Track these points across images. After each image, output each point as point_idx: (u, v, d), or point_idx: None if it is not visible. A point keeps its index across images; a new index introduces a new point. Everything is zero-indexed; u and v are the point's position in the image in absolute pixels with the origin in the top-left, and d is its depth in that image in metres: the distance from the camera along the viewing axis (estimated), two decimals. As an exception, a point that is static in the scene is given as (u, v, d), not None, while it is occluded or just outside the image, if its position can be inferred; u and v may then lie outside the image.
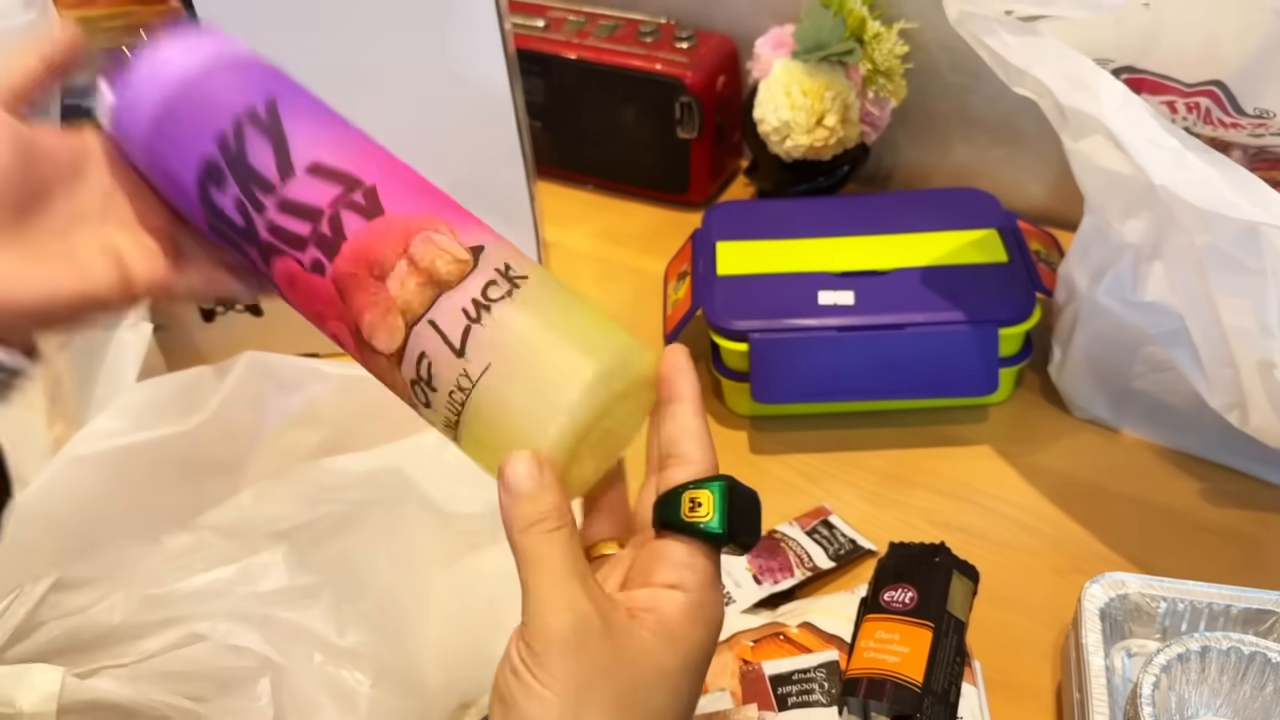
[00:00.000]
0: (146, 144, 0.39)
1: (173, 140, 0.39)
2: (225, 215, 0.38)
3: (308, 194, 0.37)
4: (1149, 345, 0.64)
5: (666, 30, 0.88)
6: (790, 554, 0.61)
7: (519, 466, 0.33)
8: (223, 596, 0.49)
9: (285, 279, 0.38)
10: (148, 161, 0.40)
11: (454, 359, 0.35)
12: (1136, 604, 0.54)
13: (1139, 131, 0.51)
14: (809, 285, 0.71)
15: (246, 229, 0.38)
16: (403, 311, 0.35)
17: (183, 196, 0.39)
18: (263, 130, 0.38)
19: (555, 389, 0.34)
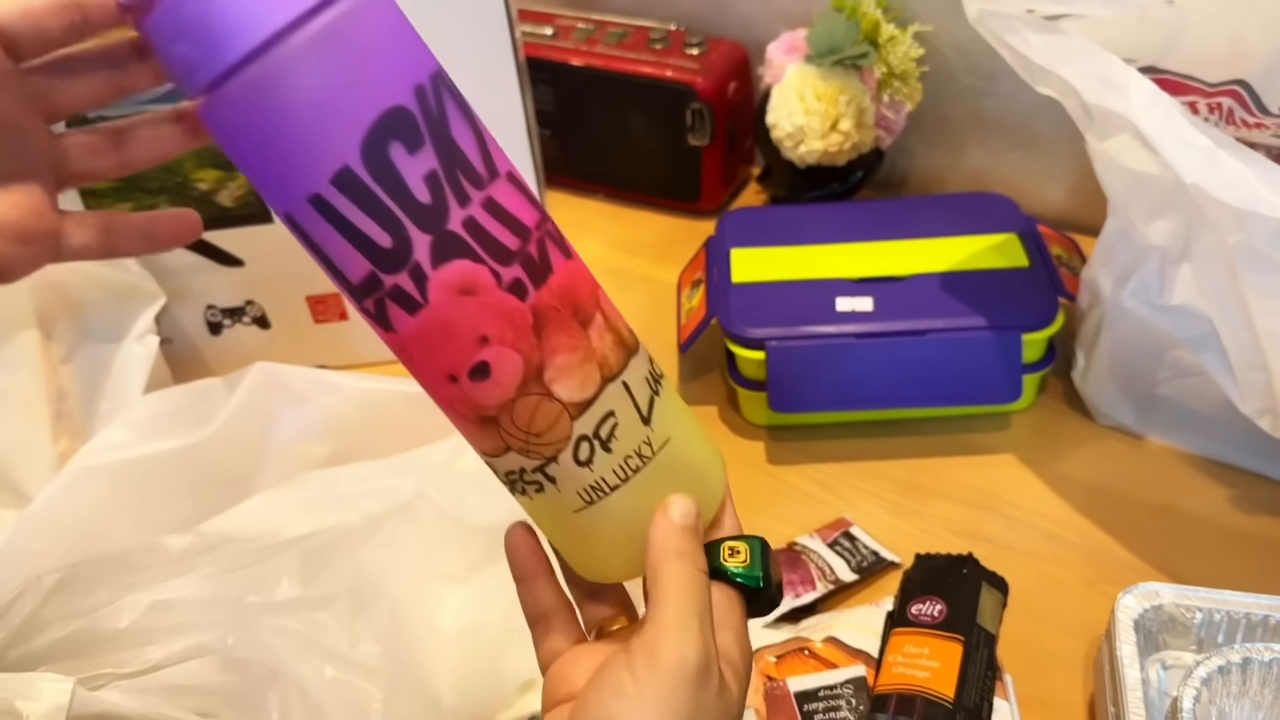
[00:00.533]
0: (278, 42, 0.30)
1: (341, 56, 0.30)
2: (402, 183, 0.31)
3: (513, 205, 0.33)
4: (1176, 350, 0.63)
5: (676, 37, 0.87)
6: (812, 566, 0.60)
7: (689, 504, 0.35)
8: (231, 604, 0.48)
9: (458, 285, 0.32)
10: (261, 66, 0.30)
11: (641, 425, 0.35)
12: (1171, 615, 0.53)
13: (1169, 129, 0.50)
14: (826, 292, 0.69)
15: (428, 210, 0.31)
16: (600, 365, 0.34)
17: (301, 141, 0.31)
18: (460, 106, 0.32)
19: (711, 472, 0.38)
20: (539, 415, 0.34)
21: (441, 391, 0.34)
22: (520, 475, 0.35)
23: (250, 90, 0.30)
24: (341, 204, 0.31)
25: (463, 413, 0.34)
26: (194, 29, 0.30)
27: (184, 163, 0.70)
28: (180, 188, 0.71)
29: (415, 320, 0.32)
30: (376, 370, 0.74)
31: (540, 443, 0.34)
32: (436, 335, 0.33)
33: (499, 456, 0.35)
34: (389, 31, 0.32)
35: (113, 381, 0.64)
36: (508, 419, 0.34)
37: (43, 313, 0.63)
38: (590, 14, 0.91)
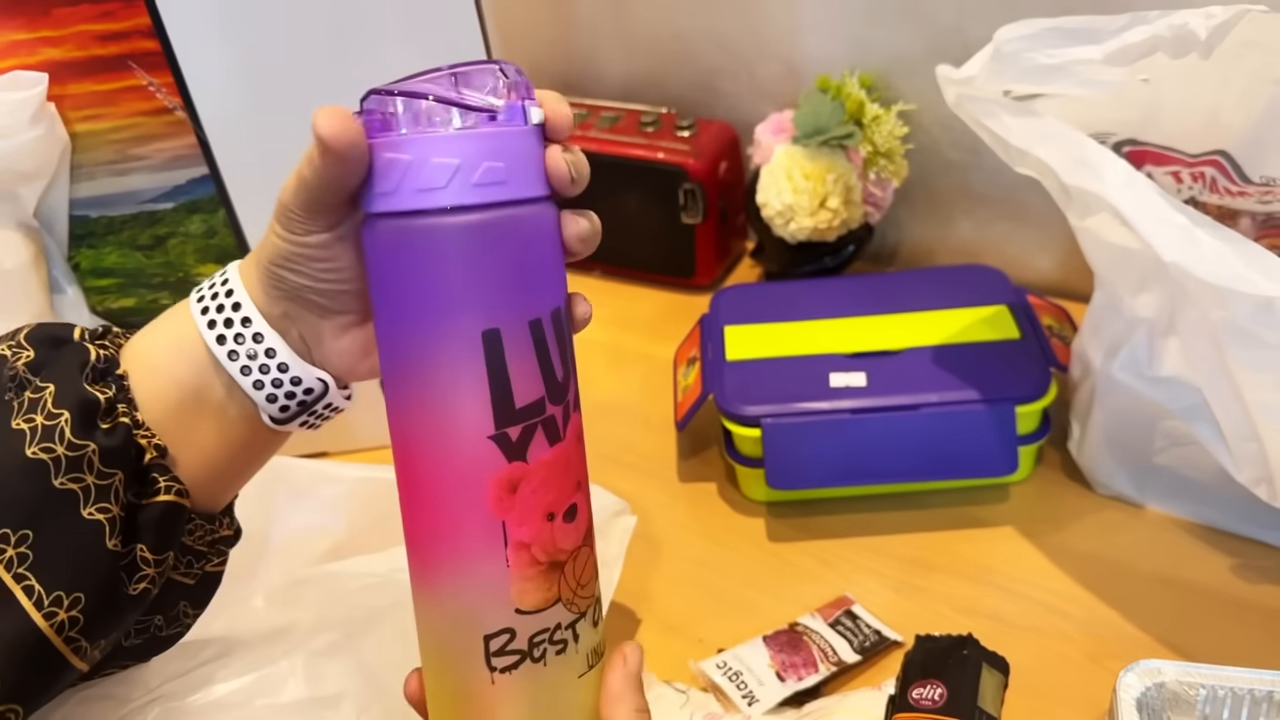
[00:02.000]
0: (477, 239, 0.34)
1: (555, 242, 0.36)
2: (552, 357, 0.35)
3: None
4: (1169, 420, 0.63)
5: (667, 120, 0.89)
6: (814, 648, 0.60)
7: (638, 654, 0.37)
8: (242, 707, 0.48)
9: (578, 432, 0.37)
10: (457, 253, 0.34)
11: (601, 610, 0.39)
12: (1175, 692, 0.52)
13: (1146, 209, 0.51)
14: (820, 367, 0.70)
15: (574, 364, 0.37)
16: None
17: (541, 275, 0.35)
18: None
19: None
20: (588, 568, 0.37)
21: (533, 529, 0.35)
22: (553, 633, 0.36)
23: (514, 220, 0.35)
24: (549, 333, 0.35)
25: (539, 556, 0.35)
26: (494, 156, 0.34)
27: (185, 257, 0.71)
28: (181, 283, 0.72)
29: (551, 452, 0.35)
30: (376, 455, 0.75)
31: (582, 595, 0.36)
32: (559, 470, 0.35)
33: (541, 611, 0.36)
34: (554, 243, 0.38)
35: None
36: (571, 566, 0.36)
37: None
38: (583, 99, 0.93)
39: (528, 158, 0.35)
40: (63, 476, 0.37)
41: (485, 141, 0.34)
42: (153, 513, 0.39)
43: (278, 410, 0.41)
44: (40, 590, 0.36)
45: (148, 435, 0.39)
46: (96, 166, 0.68)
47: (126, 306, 0.73)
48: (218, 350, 0.40)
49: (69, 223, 0.70)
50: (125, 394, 0.39)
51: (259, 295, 0.40)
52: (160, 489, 0.39)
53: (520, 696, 0.36)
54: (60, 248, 0.70)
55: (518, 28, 0.97)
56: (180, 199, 0.69)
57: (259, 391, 0.40)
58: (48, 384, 0.38)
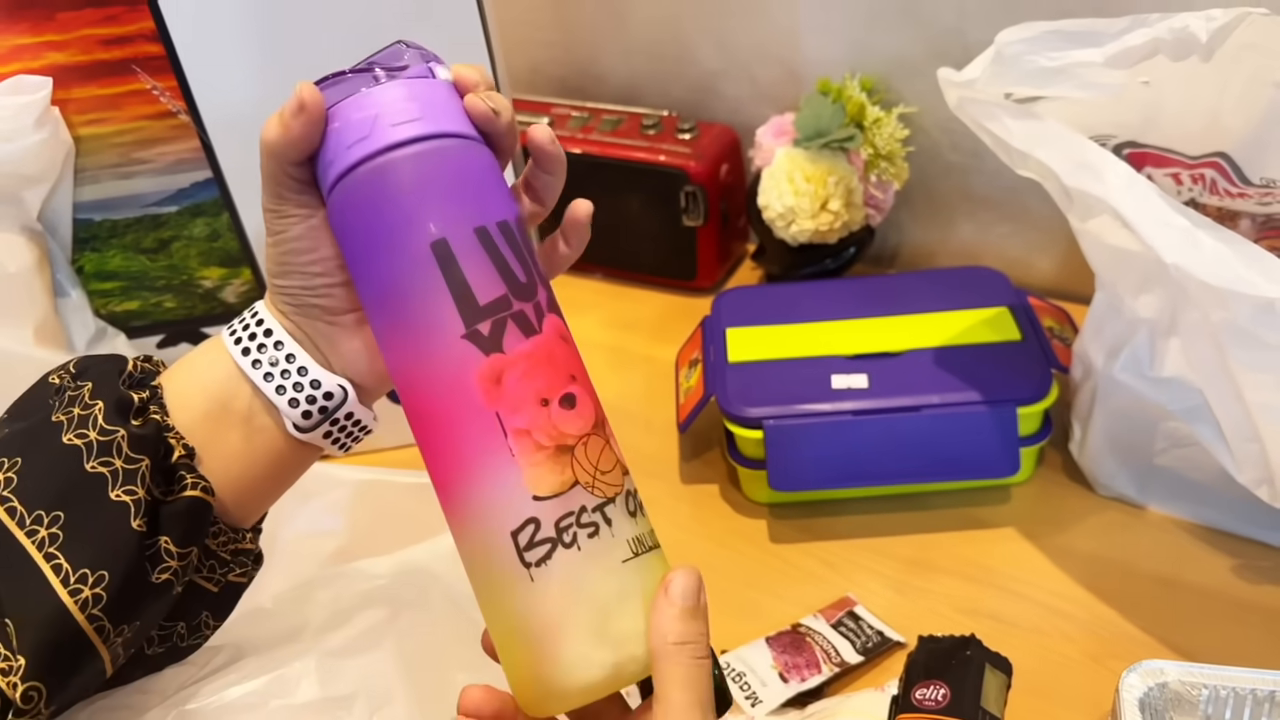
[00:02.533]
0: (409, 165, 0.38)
1: (493, 169, 0.40)
2: (533, 251, 0.39)
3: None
4: (1170, 421, 0.63)
5: (669, 123, 0.89)
6: (816, 649, 0.60)
7: (691, 580, 0.36)
8: (256, 709, 0.48)
9: (559, 331, 0.39)
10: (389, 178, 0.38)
11: (646, 519, 0.39)
12: (1177, 692, 0.52)
13: (1147, 211, 0.51)
14: (821, 369, 0.70)
15: (543, 276, 0.40)
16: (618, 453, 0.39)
17: (466, 185, 0.39)
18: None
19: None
20: (605, 455, 0.37)
21: (527, 416, 0.36)
22: (579, 516, 0.36)
23: (457, 149, 0.40)
24: (500, 240, 0.38)
25: (542, 440, 0.36)
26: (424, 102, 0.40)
27: (189, 261, 0.72)
28: (185, 286, 0.72)
29: (529, 343, 0.37)
30: (380, 457, 0.75)
31: (605, 481, 0.37)
32: (542, 360, 0.37)
33: (559, 496, 0.36)
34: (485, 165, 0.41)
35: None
36: (582, 450, 0.37)
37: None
38: (585, 103, 0.93)
39: (440, 102, 0.40)
40: (94, 460, 0.39)
41: (393, 90, 0.39)
42: (178, 507, 0.41)
43: (300, 416, 0.42)
44: (68, 568, 0.38)
45: (177, 436, 0.41)
46: (100, 170, 0.68)
47: (130, 310, 0.73)
48: (242, 361, 0.42)
49: (73, 226, 0.70)
50: (158, 399, 0.42)
51: (276, 313, 0.43)
52: (187, 485, 0.41)
53: (563, 586, 0.36)
54: (64, 251, 0.70)
55: (520, 31, 0.98)
56: (184, 202, 0.69)
57: (281, 396, 0.42)
58: (86, 382, 0.41)
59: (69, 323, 0.70)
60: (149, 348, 0.74)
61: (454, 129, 0.39)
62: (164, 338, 0.74)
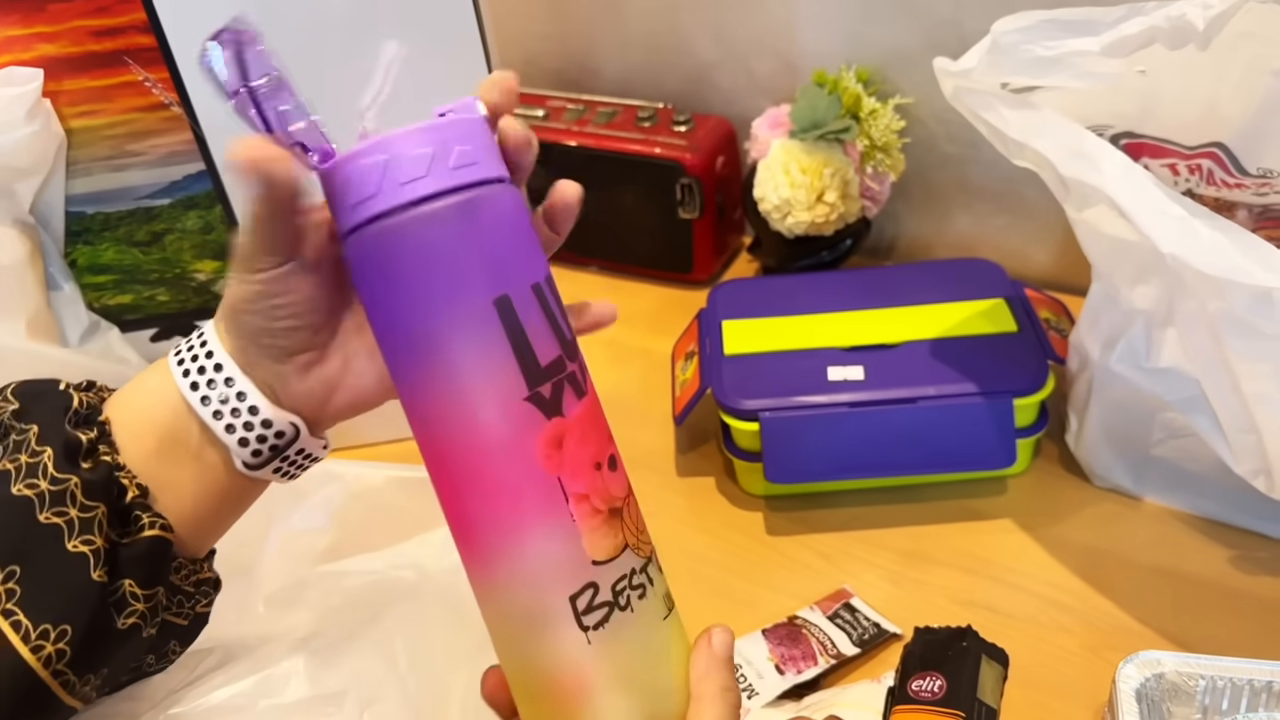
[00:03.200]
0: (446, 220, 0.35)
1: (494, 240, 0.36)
2: (557, 317, 0.37)
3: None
4: (1167, 412, 0.63)
5: (664, 115, 0.89)
6: (813, 641, 0.60)
7: (729, 635, 0.38)
8: (246, 710, 0.48)
9: (593, 385, 0.38)
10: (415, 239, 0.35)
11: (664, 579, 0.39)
12: (1174, 683, 0.52)
13: (1144, 201, 0.51)
14: (817, 361, 0.70)
15: (571, 341, 0.37)
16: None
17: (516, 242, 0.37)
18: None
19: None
20: (638, 513, 0.38)
21: (585, 482, 0.36)
22: (630, 578, 0.36)
23: (508, 202, 0.37)
24: (550, 297, 0.37)
25: (597, 506, 0.36)
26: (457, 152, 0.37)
27: (183, 254, 0.71)
28: (179, 279, 0.72)
29: (581, 405, 0.36)
30: (373, 451, 0.75)
31: (643, 540, 0.38)
32: (591, 422, 0.37)
33: (612, 560, 0.36)
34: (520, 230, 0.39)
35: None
36: (628, 512, 0.37)
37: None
38: (580, 95, 0.93)
39: (487, 141, 0.37)
40: (47, 511, 0.37)
41: (451, 129, 0.36)
42: (138, 549, 0.39)
43: (250, 455, 0.41)
44: (27, 624, 0.37)
45: (129, 476, 0.40)
46: (93, 162, 0.68)
47: (124, 303, 0.73)
48: (191, 396, 0.40)
49: (65, 219, 0.70)
50: (106, 437, 0.40)
51: (228, 343, 0.41)
52: (144, 525, 0.40)
53: (619, 649, 0.36)
54: (57, 244, 0.70)
55: (515, 23, 0.97)
56: (177, 195, 0.69)
57: (231, 435, 0.41)
58: (31, 425, 0.39)
59: (62, 316, 0.70)
60: (142, 341, 0.74)
61: (499, 173, 0.37)
62: (157, 331, 0.74)
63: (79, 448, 0.39)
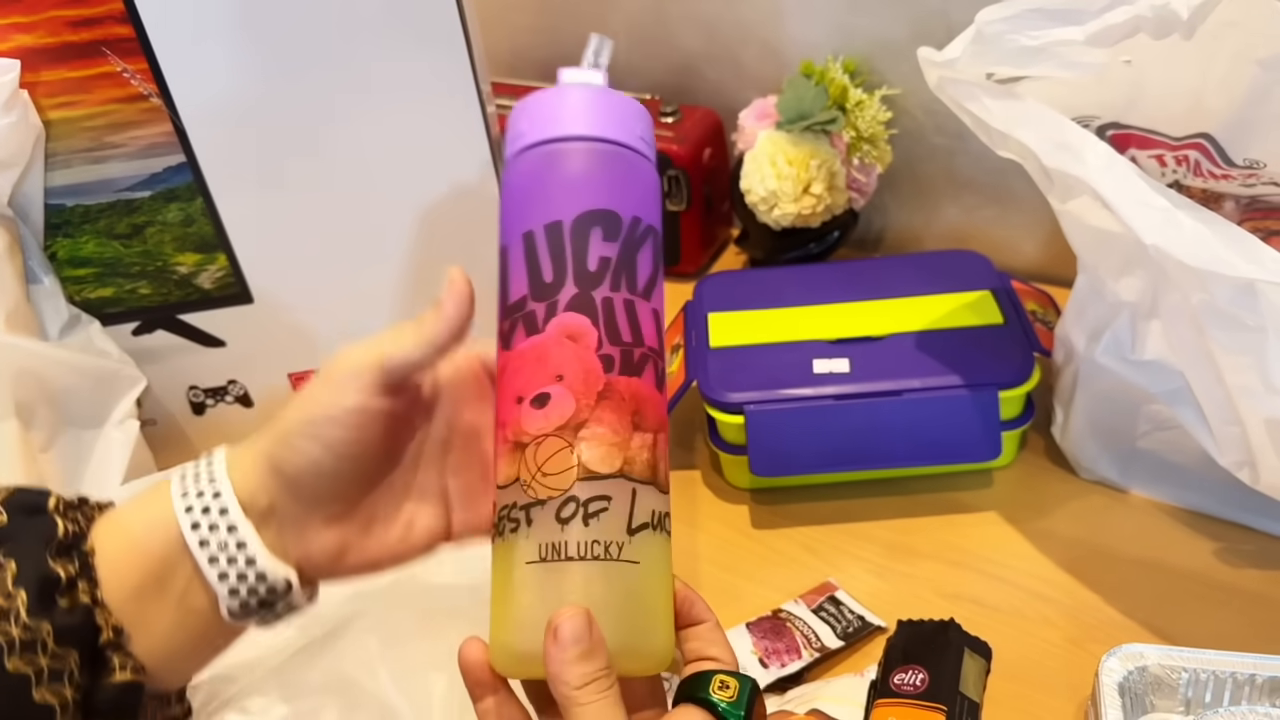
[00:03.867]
0: (578, 141, 0.41)
1: (605, 168, 0.41)
2: (585, 249, 0.40)
3: (645, 323, 0.40)
4: (1152, 404, 0.63)
5: (651, 105, 0.88)
6: (797, 634, 0.59)
7: (577, 622, 0.35)
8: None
9: (568, 329, 0.39)
10: (557, 146, 0.41)
11: (623, 530, 0.38)
12: (1157, 676, 0.52)
13: (1127, 192, 0.50)
14: (803, 354, 0.70)
15: (589, 275, 0.39)
16: (625, 461, 0.38)
17: (541, 189, 0.41)
18: (654, 251, 0.41)
19: (654, 636, 0.38)
20: (556, 458, 0.38)
21: (504, 411, 0.40)
22: (509, 510, 0.38)
23: (543, 156, 0.42)
24: (540, 243, 0.40)
25: (507, 435, 0.39)
26: (533, 114, 0.43)
27: (163, 246, 0.71)
28: (160, 272, 0.71)
29: (527, 342, 0.39)
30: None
31: (542, 483, 0.38)
32: (532, 359, 0.39)
33: (505, 488, 0.39)
34: (639, 185, 0.42)
35: (93, 468, 0.64)
36: (533, 450, 0.38)
37: (21, 402, 0.63)
38: (566, 85, 0.92)
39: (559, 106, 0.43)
40: (15, 658, 0.36)
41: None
42: (109, 693, 0.38)
43: (237, 605, 0.40)
44: None
45: (106, 615, 0.38)
46: (72, 154, 0.67)
47: (105, 296, 0.72)
48: (190, 535, 0.39)
49: (44, 211, 0.69)
50: (89, 571, 0.39)
51: (250, 482, 0.40)
52: (115, 667, 0.38)
53: (494, 567, 0.39)
54: (36, 237, 0.69)
55: (499, 14, 0.97)
56: (157, 187, 0.68)
57: (223, 583, 0.40)
58: (10, 559, 0.37)
59: (42, 310, 0.69)
60: (124, 335, 0.73)
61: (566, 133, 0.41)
62: (139, 325, 0.73)
63: (56, 584, 0.37)
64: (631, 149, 0.42)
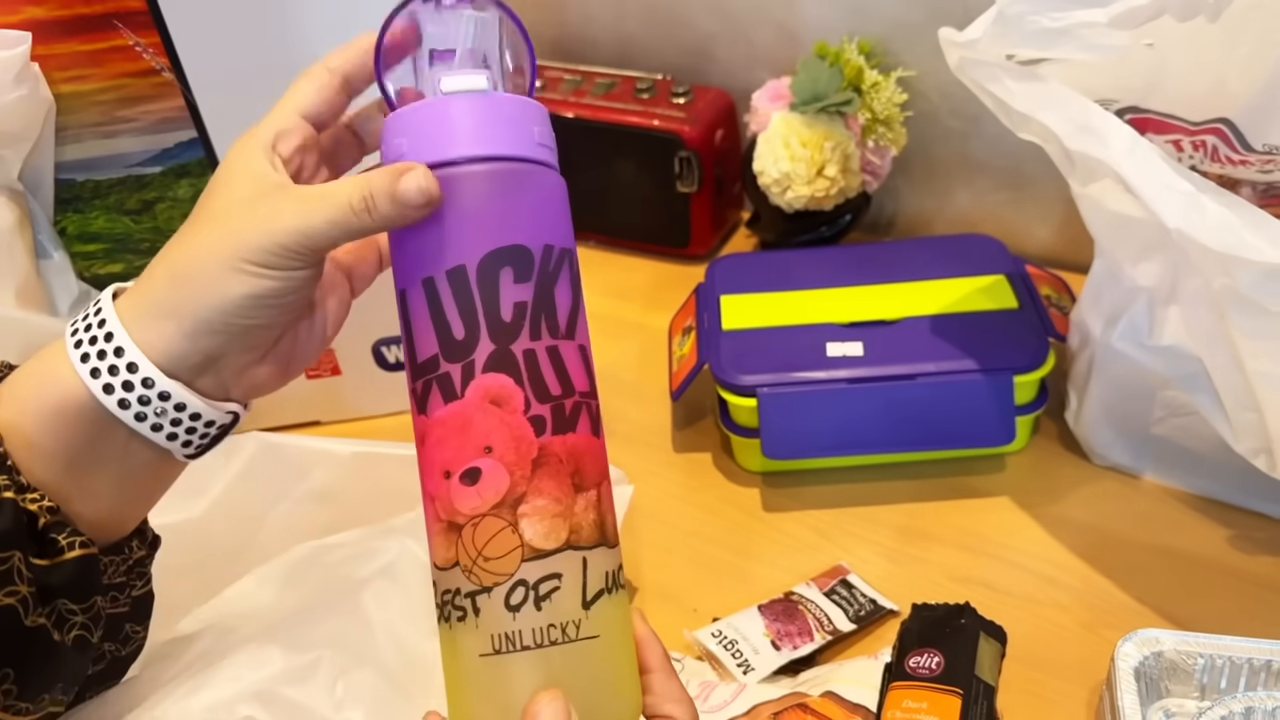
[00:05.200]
0: (469, 164, 0.37)
1: (504, 194, 0.37)
2: (496, 298, 0.36)
3: (572, 367, 0.37)
4: (1168, 390, 0.63)
5: (663, 86, 0.88)
6: (809, 617, 0.59)
7: (556, 708, 0.34)
8: (216, 676, 0.48)
9: (491, 393, 0.36)
10: (444, 172, 0.37)
11: (578, 606, 0.36)
12: (1173, 661, 0.52)
13: (1150, 175, 0.50)
14: (816, 337, 0.69)
15: (505, 327, 0.36)
16: (571, 530, 0.36)
17: (439, 237, 0.37)
18: (572, 278, 0.38)
19: (616, 706, 0.36)
20: (496, 540, 0.35)
21: (432, 485, 0.37)
22: (453, 596, 0.36)
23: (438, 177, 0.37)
24: (444, 292, 0.36)
25: (439, 513, 0.36)
26: (415, 131, 0.37)
27: (174, 223, 0.70)
28: (170, 248, 0.71)
29: (446, 409, 0.36)
30: (367, 424, 0.75)
31: (485, 568, 0.35)
32: (455, 429, 0.36)
33: (445, 570, 0.36)
34: (547, 204, 0.38)
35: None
36: (470, 532, 0.35)
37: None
38: (578, 66, 0.92)
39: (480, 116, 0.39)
40: None
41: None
42: (64, 571, 0.38)
43: (193, 450, 0.40)
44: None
45: (37, 499, 0.37)
46: (82, 129, 0.66)
47: (114, 272, 0.72)
48: (106, 400, 0.37)
49: (55, 186, 0.68)
50: (4, 465, 0.37)
51: (177, 344, 0.38)
52: (63, 547, 0.38)
53: (445, 653, 0.37)
54: (46, 212, 0.69)
55: (511, -8, 0.96)
56: (168, 162, 0.68)
57: (172, 441, 0.39)
58: None
59: (51, 285, 0.69)
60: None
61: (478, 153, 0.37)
62: (149, 301, 0.73)
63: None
64: (531, 161, 0.37)
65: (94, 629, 0.40)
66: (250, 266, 0.37)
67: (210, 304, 0.37)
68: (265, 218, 0.37)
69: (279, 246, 0.36)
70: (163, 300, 0.38)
